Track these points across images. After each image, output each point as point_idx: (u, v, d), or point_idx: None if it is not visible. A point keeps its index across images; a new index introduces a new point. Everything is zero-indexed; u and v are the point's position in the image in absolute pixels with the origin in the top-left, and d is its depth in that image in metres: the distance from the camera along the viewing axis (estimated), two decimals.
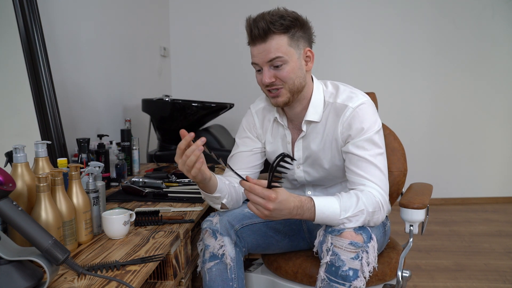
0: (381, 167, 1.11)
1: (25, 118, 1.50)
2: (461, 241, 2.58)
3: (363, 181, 1.09)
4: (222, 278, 1.15)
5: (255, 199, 0.96)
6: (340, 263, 1.00)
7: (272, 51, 1.07)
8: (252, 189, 0.95)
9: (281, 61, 1.08)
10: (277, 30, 1.07)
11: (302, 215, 1.01)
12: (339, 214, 1.02)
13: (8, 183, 0.81)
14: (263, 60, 1.09)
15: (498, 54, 3.30)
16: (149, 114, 2.35)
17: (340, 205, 1.02)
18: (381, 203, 1.07)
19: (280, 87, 1.11)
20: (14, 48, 1.44)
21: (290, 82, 1.11)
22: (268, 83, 1.11)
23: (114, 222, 1.06)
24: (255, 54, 1.11)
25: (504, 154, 3.41)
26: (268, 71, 1.10)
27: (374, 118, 1.14)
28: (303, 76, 1.14)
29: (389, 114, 2.88)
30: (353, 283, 1.00)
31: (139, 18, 2.69)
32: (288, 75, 1.10)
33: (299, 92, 1.14)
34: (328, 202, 1.03)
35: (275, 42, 1.07)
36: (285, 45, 1.08)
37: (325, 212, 1.02)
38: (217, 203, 1.17)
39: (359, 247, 1.00)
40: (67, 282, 0.82)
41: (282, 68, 1.09)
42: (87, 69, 1.96)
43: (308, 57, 1.15)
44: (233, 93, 3.27)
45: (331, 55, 3.30)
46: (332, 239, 1.02)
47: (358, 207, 1.03)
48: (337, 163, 1.20)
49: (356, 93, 1.17)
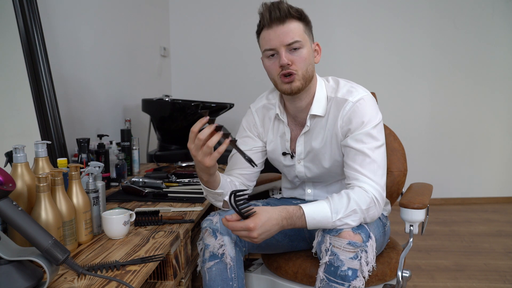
0: (378, 161, 1.10)
1: (25, 118, 1.50)
2: (461, 241, 2.58)
3: (357, 176, 1.09)
4: (222, 278, 1.15)
5: (240, 233, 0.99)
6: (339, 263, 1.00)
7: (291, 34, 1.09)
8: (232, 228, 0.98)
9: (299, 44, 1.10)
10: (295, 15, 1.10)
11: (294, 224, 1.03)
12: (331, 217, 1.02)
13: (8, 183, 0.81)
14: (281, 42, 1.09)
15: (498, 54, 3.30)
16: (149, 114, 2.35)
17: (330, 208, 1.03)
18: (375, 198, 1.06)
19: (294, 72, 1.11)
20: (14, 48, 1.44)
21: (304, 69, 1.12)
22: (285, 63, 1.10)
23: (114, 222, 1.06)
24: (271, 38, 1.10)
25: (504, 154, 3.41)
26: (285, 53, 1.10)
27: (374, 112, 1.14)
28: (313, 65, 1.16)
29: (389, 114, 2.88)
30: (352, 283, 1.00)
31: (139, 18, 2.69)
32: (304, 60, 1.11)
33: (309, 81, 1.15)
34: (318, 207, 1.03)
35: (293, 26, 1.09)
36: (302, 31, 1.11)
37: (315, 217, 1.02)
38: (219, 200, 1.17)
39: (357, 246, 1.00)
40: (67, 282, 0.82)
41: (300, 51, 1.10)
42: (87, 69, 1.96)
43: (316, 51, 1.18)
44: (233, 93, 3.27)
45: (331, 55, 3.30)
46: (330, 239, 1.02)
47: (350, 207, 1.02)
48: (337, 158, 1.20)
49: (356, 87, 1.17)
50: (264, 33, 1.12)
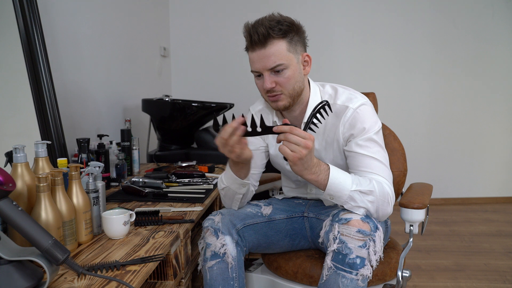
0: (384, 162, 1.13)
1: (25, 118, 1.50)
2: (461, 241, 2.58)
3: (369, 175, 1.10)
4: (223, 277, 1.16)
5: (295, 139, 0.96)
6: (347, 251, 1.00)
7: (272, 57, 1.08)
8: (292, 130, 0.96)
9: (283, 66, 1.09)
10: (276, 35, 1.07)
11: (318, 174, 1.03)
12: (350, 185, 1.03)
13: (8, 183, 0.81)
14: (263, 67, 1.09)
15: (497, 54, 3.30)
16: (149, 114, 2.35)
17: (352, 178, 1.05)
18: (390, 194, 1.08)
19: (279, 94, 1.12)
20: (14, 48, 1.44)
21: (290, 88, 1.12)
22: (269, 88, 1.11)
23: (114, 222, 1.06)
24: (255, 60, 1.11)
25: (504, 154, 3.41)
26: (269, 76, 1.10)
27: (374, 118, 1.15)
28: (301, 80, 1.15)
29: (389, 114, 2.88)
30: (360, 271, 1.00)
31: (139, 18, 2.69)
32: (288, 80, 1.10)
33: (298, 96, 1.16)
34: (342, 172, 1.05)
35: (275, 48, 1.08)
36: (285, 50, 1.09)
37: (338, 178, 1.03)
38: (242, 191, 1.20)
39: (367, 235, 1.00)
40: (67, 282, 0.82)
41: (283, 73, 1.10)
42: (87, 69, 1.96)
43: (306, 62, 1.16)
44: (233, 93, 3.27)
45: (331, 55, 3.30)
46: (339, 227, 1.02)
47: (371, 186, 1.04)
48: (339, 162, 1.21)
49: (355, 94, 1.18)
50: (249, 54, 1.13)
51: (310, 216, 1.32)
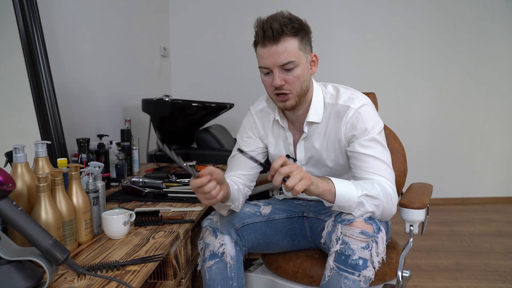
0: (388, 163, 1.13)
1: (25, 118, 1.50)
2: (461, 241, 2.58)
3: (371, 176, 1.10)
4: (222, 277, 1.16)
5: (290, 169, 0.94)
6: (350, 252, 1.00)
7: (284, 54, 1.06)
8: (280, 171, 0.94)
9: (293, 65, 1.08)
10: (289, 32, 1.06)
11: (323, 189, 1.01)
12: (356, 191, 1.03)
13: (8, 183, 0.81)
14: (274, 63, 1.08)
15: (498, 55, 3.30)
16: (149, 114, 2.35)
17: (355, 185, 1.04)
18: (392, 194, 1.08)
19: (288, 92, 1.11)
20: (14, 48, 1.44)
21: (298, 87, 1.11)
22: (279, 85, 1.09)
23: (114, 222, 1.06)
24: (265, 56, 1.09)
25: (504, 154, 3.41)
26: (279, 73, 1.09)
27: (376, 118, 1.15)
28: (309, 80, 1.15)
29: (389, 114, 2.88)
30: (362, 272, 1.00)
31: (139, 18, 2.69)
32: (297, 79, 1.10)
33: (304, 95, 1.15)
34: (343, 181, 1.05)
35: (287, 45, 1.06)
36: (296, 48, 1.08)
37: (344, 188, 1.03)
38: (226, 209, 1.17)
39: (370, 236, 1.00)
40: (67, 282, 0.82)
41: (293, 71, 1.09)
42: (87, 69, 1.96)
43: (313, 62, 1.16)
44: (233, 93, 3.27)
45: (332, 55, 3.30)
46: (342, 228, 1.02)
47: (374, 188, 1.05)
48: (340, 162, 1.21)
49: (356, 95, 1.18)
50: (259, 49, 1.11)
51: (310, 216, 1.32)
